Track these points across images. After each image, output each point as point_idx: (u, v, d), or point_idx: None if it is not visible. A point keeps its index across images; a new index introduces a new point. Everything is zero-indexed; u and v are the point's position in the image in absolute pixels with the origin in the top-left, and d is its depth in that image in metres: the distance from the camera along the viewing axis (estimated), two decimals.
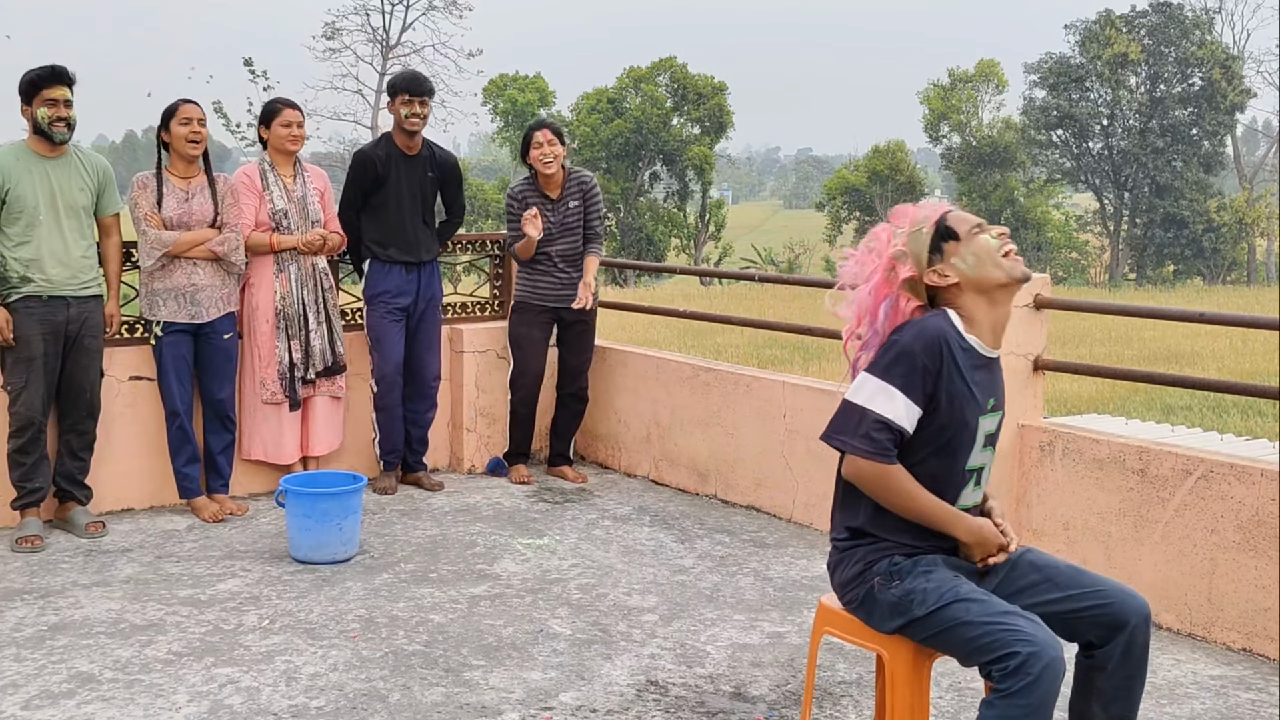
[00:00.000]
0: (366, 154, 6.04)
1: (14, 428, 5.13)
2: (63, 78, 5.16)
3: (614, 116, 43.74)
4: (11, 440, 5.16)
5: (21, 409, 5.11)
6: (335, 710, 3.63)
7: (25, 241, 5.08)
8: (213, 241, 5.47)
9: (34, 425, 5.14)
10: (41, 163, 5.16)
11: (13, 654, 4.00)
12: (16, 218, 5.08)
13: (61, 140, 5.17)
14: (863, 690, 3.80)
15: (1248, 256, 45.07)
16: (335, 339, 5.93)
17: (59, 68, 5.17)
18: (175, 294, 5.46)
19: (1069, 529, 4.67)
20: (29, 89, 5.14)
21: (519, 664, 3.99)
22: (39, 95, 5.10)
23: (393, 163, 5.97)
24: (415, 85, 6.02)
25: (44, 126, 5.11)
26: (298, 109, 5.89)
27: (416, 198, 6.04)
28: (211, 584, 4.73)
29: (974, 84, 46.41)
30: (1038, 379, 4.86)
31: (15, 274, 5.08)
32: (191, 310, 5.49)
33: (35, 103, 5.11)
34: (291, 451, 5.93)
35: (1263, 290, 35.41)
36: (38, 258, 5.09)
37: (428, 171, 6.08)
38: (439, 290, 6.23)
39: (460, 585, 4.76)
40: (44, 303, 5.11)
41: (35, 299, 5.09)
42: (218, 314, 5.56)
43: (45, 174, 5.14)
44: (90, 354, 5.28)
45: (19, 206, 5.08)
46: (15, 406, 5.11)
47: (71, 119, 5.17)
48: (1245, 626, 4.17)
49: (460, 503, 5.97)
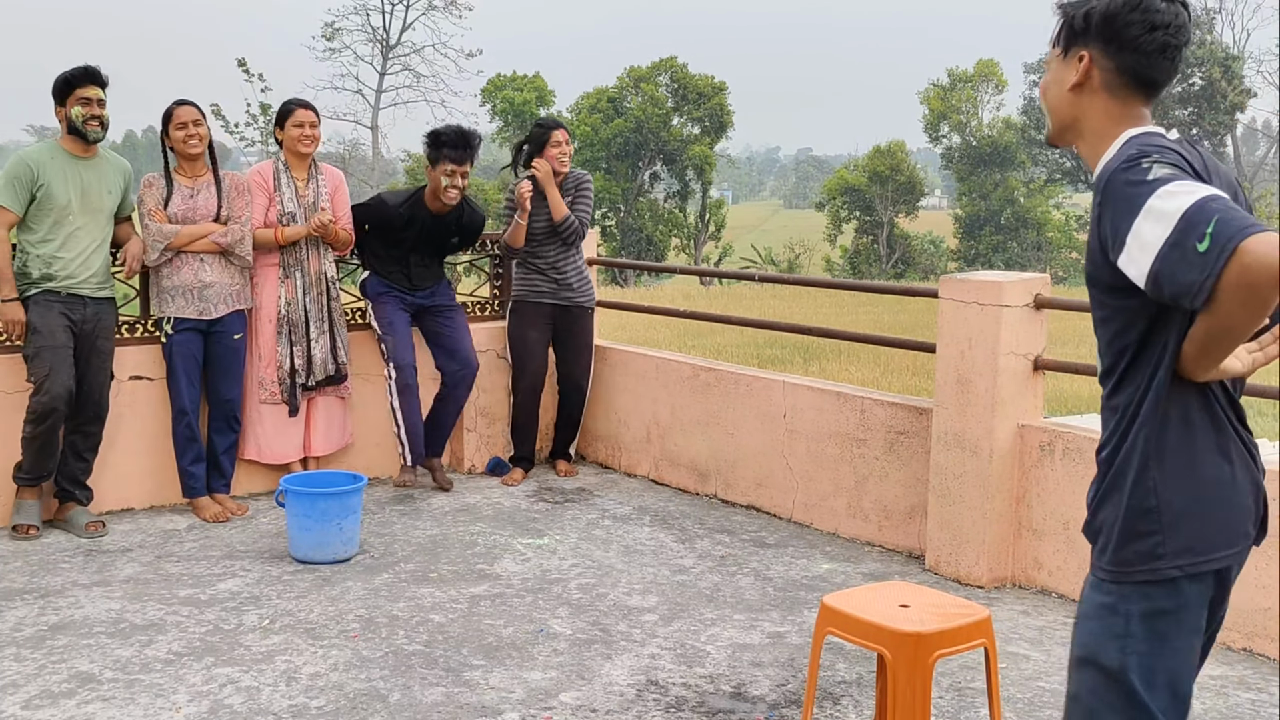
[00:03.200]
0: (390, 210, 6.01)
1: (35, 414, 5.11)
2: (96, 78, 5.22)
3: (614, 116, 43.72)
4: (37, 425, 5.12)
5: (45, 397, 5.09)
6: (335, 710, 3.63)
7: (50, 239, 5.14)
8: (215, 234, 5.48)
9: (55, 413, 5.12)
10: (74, 162, 5.21)
11: (13, 654, 4.00)
12: (46, 215, 5.13)
13: (95, 139, 5.24)
14: (863, 690, 3.80)
15: None
16: (338, 348, 5.92)
17: (92, 68, 5.24)
18: (183, 290, 5.47)
19: (1069, 529, 4.67)
20: (63, 89, 5.20)
21: (519, 664, 3.99)
22: (73, 95, 5.17)
23: (417, 223, 5.97)
24: (462, 154, 5.86)
25: (78, 125, 5.17)
26: (311, 109, 5.88)
27: (429, 247, 6.09)
28: (211, 584, 4.73)
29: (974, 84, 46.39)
30: (1038, 379, 4.86)
31: (36, 270, 5.13)
32: (200, 306, 5.48)
33: (69, 102, 5.18)
34: (290, 452, 5.92)
35: None
36: (60, 255, 5.14)
37: (451, 227, 6.10)
38: (451, 295, 6.29)
39: (460, 585, 4.76)
40: (62, 298, 5.16)
41: (54, 293, 5.15)
42: (226, 310, 5.55)
43: (78, 174, 5.21)
44: (102, 355, 5.32)
45: (49, 205, 5.13)
46: (39, 395, 5.10)
47: (105, 118, 5.24)
48: (1245, 626, 4.17)
49: (460, 503, 5.97)
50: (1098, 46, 2.13)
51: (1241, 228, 1.80)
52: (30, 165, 5.12)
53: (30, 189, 5.11)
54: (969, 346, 4.80)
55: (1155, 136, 2.08)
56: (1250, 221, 1.82)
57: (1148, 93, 2.14)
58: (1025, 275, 4.85)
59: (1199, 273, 1.82)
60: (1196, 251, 1.82)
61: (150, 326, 5.70)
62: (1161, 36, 2.08)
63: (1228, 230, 1.80)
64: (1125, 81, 2.12)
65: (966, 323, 4.80)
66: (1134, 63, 2.11)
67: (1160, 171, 1.92)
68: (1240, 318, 1.86)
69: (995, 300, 4.71)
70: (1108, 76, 2.13)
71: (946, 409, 4.90)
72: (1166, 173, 1.92)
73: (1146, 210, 1.89)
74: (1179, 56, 2.11)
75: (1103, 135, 2.14)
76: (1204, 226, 1.82)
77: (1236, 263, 1.79)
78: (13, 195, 5.09)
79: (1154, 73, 2.11)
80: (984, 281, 4.78)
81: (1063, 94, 2.18)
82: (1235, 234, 1.80)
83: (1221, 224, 1.81)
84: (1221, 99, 43.24)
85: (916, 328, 12.83)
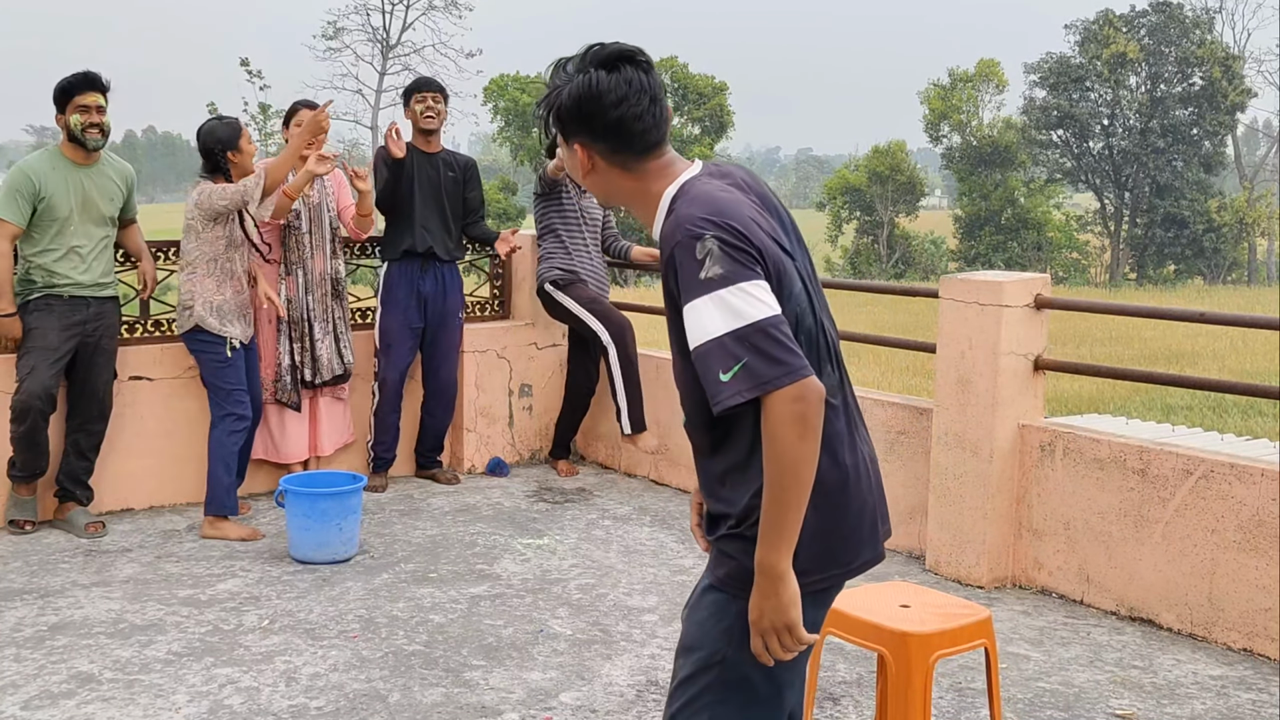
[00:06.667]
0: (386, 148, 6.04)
1: (15, 411, 5.12)
2: (96, 84, 5.15)
3: None
4: (13, 425, 5.14)
5: (23, 395, 5.09)
6: (335, 710, 3.62)
7: (52, 249, 5.12)
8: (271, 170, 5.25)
9: (33, 411, 5.08)
10: (75, 171, 5.16)
11: (13, 654, 4.00)
12: (48, 227, 5.11)
13: (95, 147, 5.17)
14: (863, 690, 3.80)
15: (1248, 256, 45.04)
16: (343, 347, 5.92)
17: (92, 74, 5.17)
18: (240, 313, 5.31)
19: (1069, 529, 4.67)
20: (62, 96, 5.14)
21: (519, 664, 3.99)
22: (72, 102, 5.11)
23: (410, 159, 6.00)
24: (427, 82, 6.19)
25: (77, 134, 5.11)
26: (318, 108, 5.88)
27: (432, 195, 6.08)
28: (211, 584, 4.72)
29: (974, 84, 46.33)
30: (1038, 379, 4.86)
31: (39, 278, 5.12)
32: (247, 331, 5.39)
33: (69, 110, 5.12)
34: (299, 451, 5.93)
35: (1263, 290, 35.40)
36: (62, 265, 5.13)
37: (446, 171, 6.14)
38: (457, 300, 6.23)
39: (460, 585, 4.76)
40: (65, 300, 5.14)
41: (56, 297, 5.13)
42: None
43: (79, 183, 5.16)
44: (107, 354, 5.30)
45: (51, 215, 5.10)
46: (18, 393, 5.12)
47: (105, 125, 5.18)
48: (1246, 626, 4.17)
49: (460, 503, 5.97)
50: (582, 137, 2.12)
51: (763, 381, 1.91)
52: (32, 177, 5.07)
53: (33, 201, 5.06)
54: (969, 346, 4.79)
55: (697, 185, 2.08)
56: (777, 371, 1.91)
57: (653, 153, 2.13)
58: (1025, 275, 4.85)
59: (717, 390, 1.95)
60: (719, 377, 1.94)
61: (150, 326, 5.69)
62: (627, 110, 2.06)
63: (756, 377, 1.92)
64: (625, 156, 2.12)
65: (967, 323, 4.80)
66: (620, 142, 2.10)
67: (713, 270, 1.95)
68: (780, 442, 1.95)
69: (995, 300, 4.70)
70: (606, 158, 2.13)
71: (947, 409, 4.90)
72: (720, 272, 1.95)
73: (706, 299, 1.95)
74: (656, 111, 2.09)
75: (642, 203, 2.16)
76: (734, 359, 1.93)
77: (770, 405, 1.92)
78: (15, 208, 5.04)
79: (642, 140, 2.10)
80: (984, 281, 4.78)
81: (583, 178, 2.19)
82: (762, 383, 1.91)
83: (751, 370, 1.92)
84: (1221, 99, 43.20)
85: (916, 328, 12.83)
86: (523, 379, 6.70)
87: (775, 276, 2.02)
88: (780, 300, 2.01)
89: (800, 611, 2.02)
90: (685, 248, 1.99)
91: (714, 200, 2.03)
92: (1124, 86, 44.63)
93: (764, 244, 2.02)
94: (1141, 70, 44.65)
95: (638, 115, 2.08)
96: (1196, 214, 42.86)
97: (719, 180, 2.12)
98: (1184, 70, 44.36)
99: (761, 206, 2.13)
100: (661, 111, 2.12)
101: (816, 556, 2.10)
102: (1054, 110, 44.38)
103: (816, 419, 1.94)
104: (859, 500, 2.15)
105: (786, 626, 2.02)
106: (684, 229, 2.00)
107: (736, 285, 1.95)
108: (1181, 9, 44.94)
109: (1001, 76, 46.37)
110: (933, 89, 46.54)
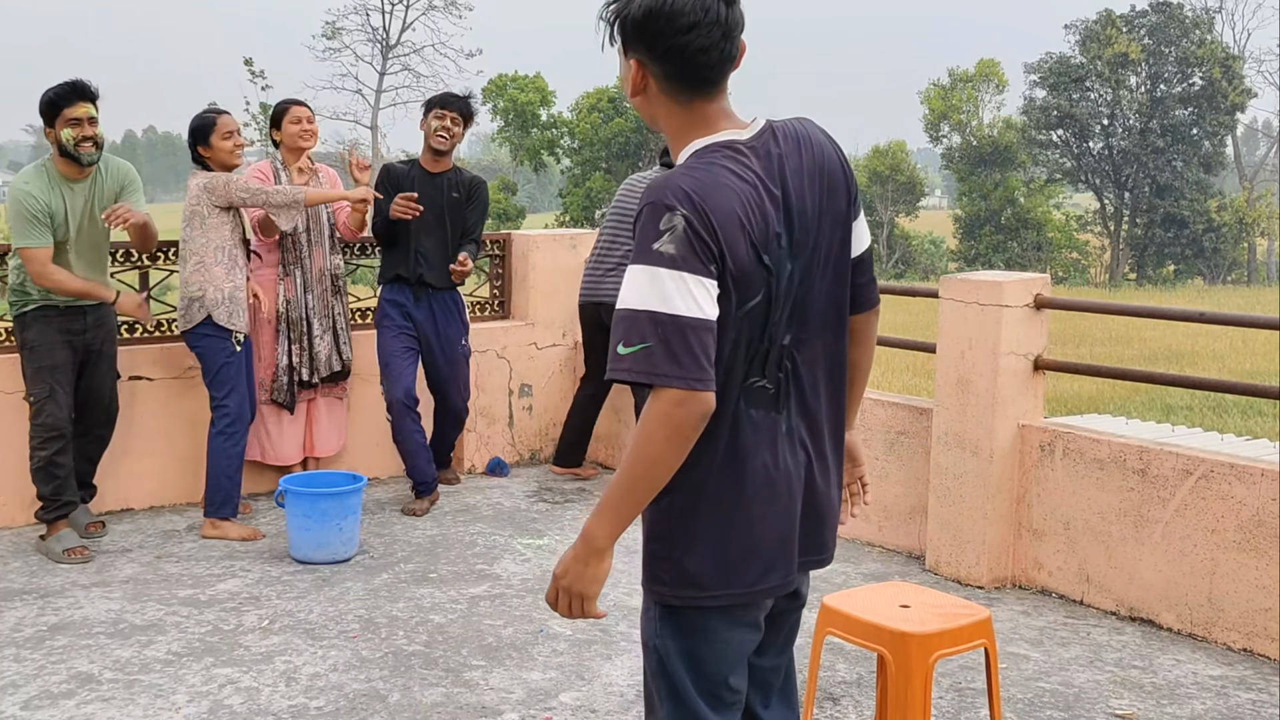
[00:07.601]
0: (389, 165, 5.92)
1: (41, 438, 4.92)
2: (85, 93, 4.80)
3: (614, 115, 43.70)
4: (40, 451, 4.94)
5: (49, 419, 4.91)
6: (335, 710, 3.62)
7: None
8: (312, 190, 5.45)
9: (62, 435, 4.94)
10: (72, 191, 4.89)
11: (13, 654, 4.00)
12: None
13: (90, 162, 4.85)
14: (863, 690, 3.80)
15: (1248, 256, 45.03)
16: (343, 344, 5.90)
17: (80, 83, 4.83)
18: (244, 306, 5.29)
19: (1069, 529, 4.67)
20: (49, 109, 4.79)
21: (519, 664, 3.99)
22: (61, 115, 4.75)
23: (412, 180, 5.74)
24: (452, 100, 5.80)
25: (70, 149, 4.77)
26: (305, 105, 5.88)
27: (433, 218, 5.74)
28: (211, 584, 4.72)
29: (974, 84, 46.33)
30: (1038, 379, 4.86)
31: (36, 291, 4.94)
32: (248, 325, 5.37)
33: (58, 124, 4.76)
34: (292, 453, 5.92)
35: (1263, 290, 35.41)
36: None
37: (450, 192, 5.81)
38: (456, 329, 5.91)
39: (460, 585, 4.76)
40: (61, 311, 4.97)
41: (53, 308, 4.96)
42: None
43: (76, 203, 4.91)
44: (108, 359, 5.22)
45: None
46: (42, 418, 4.92)
47: (99, 137, 4.83)
48: (1246, 626, 4.17)
49: (460, 503, 5.97)
50: (641, 53, 2.06)
51: (655, 373, 1.91)
52: (39, 198, 4.80)
53: (48, 222, 4.83)
54: (969, 346, 4.79)
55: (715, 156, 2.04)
56: (673, 370, 1.90)
57: (706, 92, 2.07)
58: (1025, 275, 4.85)
59: (614, 359, 1.95)
60: (620, 348, 1.94)
61: (150, 327, 5.68)
62: (695, 39, 2.00)
63: (651, 365, 1.91)
64: (677, 86, 2.07)
65: (966, 323, 4.80)
66: (677, 69, 2.04)
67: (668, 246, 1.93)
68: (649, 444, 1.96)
69: (995, 300, 4.70)
70: (659, 82, 2.08)
71: (947, 409, 4.90)
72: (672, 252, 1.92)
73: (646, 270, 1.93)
74: (726, 49, 2.04)
75: (675, 138, 2.13)
76: (640, 338, 1.92)
77: (655, 398, 1.92)
78: (38, 233, 4.79)
79: (700, 74, 2.04)
80: (984, 281, 4.78)
81: (631, 96, 2.15)
82: (653, 374, 1.91)
83: (650, 356, 1.91)
84: (1221, 99, 43.20)
85: (916, 328, 12.82)
86: (523, 379, 6.70)
87: (731, 282, 1.98)
88: (726, 306, 1.98)
89: (599, 588, 2.08)
90: (656, 210, 1.96)
91: (711, 182, 1.98)
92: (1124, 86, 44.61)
93: (732, 247, 1.96)
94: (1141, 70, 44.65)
95: (703, 48, 2.01)
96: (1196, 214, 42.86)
97: (737, 163, 2.03)
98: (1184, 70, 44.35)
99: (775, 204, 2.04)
100: (731, 50, 2.05)
101: (715, 570, 2.09)
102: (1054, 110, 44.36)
103: (690, 431, 1.93)
104: (766, 520, 2.10)
105: (581, 596, 2.08)
106: (665, 192, 1.97)
107: (680, 273, 1.92)
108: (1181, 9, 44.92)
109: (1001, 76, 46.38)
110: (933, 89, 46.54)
